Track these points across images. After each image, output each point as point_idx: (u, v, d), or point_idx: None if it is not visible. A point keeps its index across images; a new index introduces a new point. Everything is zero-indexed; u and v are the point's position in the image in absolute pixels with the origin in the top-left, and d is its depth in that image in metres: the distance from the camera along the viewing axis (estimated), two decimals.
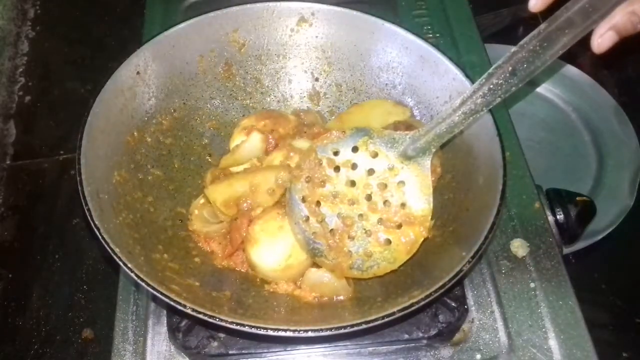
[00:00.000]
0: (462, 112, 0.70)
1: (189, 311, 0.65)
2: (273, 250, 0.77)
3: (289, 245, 0.77)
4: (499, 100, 0.68)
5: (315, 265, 0.78)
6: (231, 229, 0.82)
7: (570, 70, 1.44)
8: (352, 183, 0.76)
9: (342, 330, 0.65)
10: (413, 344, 0.82)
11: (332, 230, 0.75)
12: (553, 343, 0.82)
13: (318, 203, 0.76)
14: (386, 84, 0.96)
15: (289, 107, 1.00)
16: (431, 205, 0.73)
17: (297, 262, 0.78)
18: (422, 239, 0.73)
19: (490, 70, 0.68)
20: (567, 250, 1.00)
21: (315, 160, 0.76)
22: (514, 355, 0.82)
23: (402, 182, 0.74)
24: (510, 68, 0.66)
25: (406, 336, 0.81)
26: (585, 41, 0.67)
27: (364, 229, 0.74)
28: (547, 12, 0.69)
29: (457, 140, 0.85)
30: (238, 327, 0.64)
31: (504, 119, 1.04)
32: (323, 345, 0.82)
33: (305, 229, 0.75)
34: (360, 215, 0.75)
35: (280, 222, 0.79)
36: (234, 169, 0.89)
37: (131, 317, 0.86)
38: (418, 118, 0.93)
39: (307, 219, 0.76)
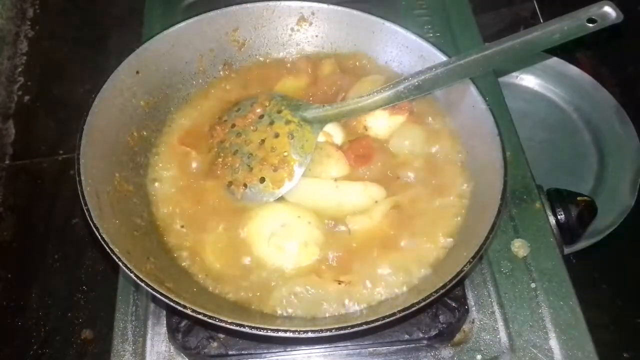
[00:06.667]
0: (361, 105, 0.85)
1: (188, 312, 0.65)
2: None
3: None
4: (389, 105, 0.85)
5: None
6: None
7: (571, 70, 1.44)
8: (255, 129, 0.87)
9: (343, 331, 0.65)
10: (413, 345, 0.82)
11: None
12: (554, 343, 0.82)
13: (222, 140, 0.88)
14: None
15: None
16: (307, 160, 0.83)
17: None
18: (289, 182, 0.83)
19: (398, 80, 0.84)
20: (567, 250, 0.99)
21: (233, 108, 0.91)
22: (514, 355, 0.82)
23: (291, 135, 0.85)
24: (416, 82, 0.83)
25: (407, 337, 0.81)
26: (586, 41, 0.67)
27: (248, 165, 0.84)
28: (548, 12, 0.69)
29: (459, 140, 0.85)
30: (238, 328, 0.64)
31: (505, 119, 1.03)
32: (323, 346, 0.82)
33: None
34: (250, 154, 0.85)
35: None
36: None
37: (130, 318, 0.86)
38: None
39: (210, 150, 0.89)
